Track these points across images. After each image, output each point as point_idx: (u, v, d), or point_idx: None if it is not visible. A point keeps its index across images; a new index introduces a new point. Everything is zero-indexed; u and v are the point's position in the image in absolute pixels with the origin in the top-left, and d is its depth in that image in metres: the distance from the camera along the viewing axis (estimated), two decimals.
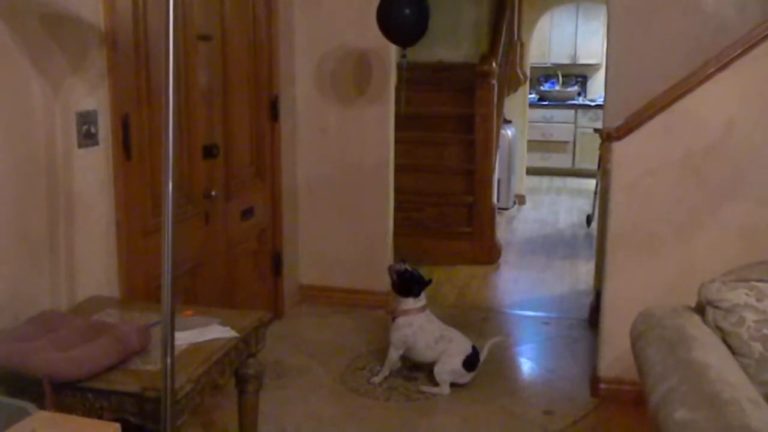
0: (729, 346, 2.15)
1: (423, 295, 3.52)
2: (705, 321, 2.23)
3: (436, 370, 3.44)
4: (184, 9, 3.13)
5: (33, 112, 2.36)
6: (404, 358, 3.57)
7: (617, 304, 3.27)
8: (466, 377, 3.47)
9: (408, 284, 3.49)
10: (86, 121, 2.57)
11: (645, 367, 2.11)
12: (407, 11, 3.66)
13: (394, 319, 3.51)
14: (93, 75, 2.60)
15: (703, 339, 2.11)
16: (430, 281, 3.55)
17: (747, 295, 2.17)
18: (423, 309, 3.51)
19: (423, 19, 3.70)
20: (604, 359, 3.38)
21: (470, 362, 3.46)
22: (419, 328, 3.47)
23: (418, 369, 3.58)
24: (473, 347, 3.49)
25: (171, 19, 1.75)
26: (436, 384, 3.44)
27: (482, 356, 3.53)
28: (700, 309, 2.28)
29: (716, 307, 2.20)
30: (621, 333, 2.73)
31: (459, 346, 3.47)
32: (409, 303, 3.48)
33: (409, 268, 3.52)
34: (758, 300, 2.15)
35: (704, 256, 3.12)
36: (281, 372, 3.62)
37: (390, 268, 3.57)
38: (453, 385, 3.45)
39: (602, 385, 3.39)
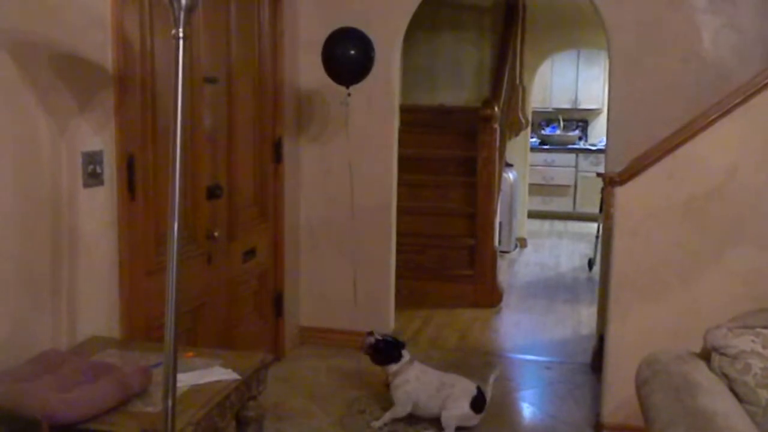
0: (735, 394, 2.13)
1: (403, 351, 3.51)
2: (711, 367, 2.22)
3: (444, 415, 3.39)
4: (191, 51, 3.17)
5: (39, 151, 2.37)
6: (410, 415, 3.52)
7: (621, 348, 3.24)
8: (474, 419, 3.42)
9: (385, 354, 3.50)
10: (92, 161, 2.58)
11: (651, 414, 2.09)
12: (352, 52, 3.73)
13: (389, 385, 3.51)
14: (100, 115, 2.62)
15: (710, 386, 2.09)
16: (404, 343, 3.56)
17: (753, 342, 2.15)
18: (411, 362, 3.50)
19: (368, 58, 3.77)
20: (607, 405, 3.34)
21: (477, 404, 3.42)
22: (416, 379, 3.45)
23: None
24: (478, 388, 3.46)
25: (181, 62, 1.77)
26: (440, 429, 3.40)
27: (488, 396, 3.49)
28: (706, 355, 2.27)
29: (722, 354, 2.18)
30: (625, 378, 2.71)
31: (463, 389, 3.44)
32: (395, 365, 3.48)
33: (380, 338, 3.52)
34: (764, 347, 2.14)
35: (708, 301, 3.11)
36: (281, 414, 3.57)
37: (363, 349, 3.55)
38: (457, 429, 3.41)
39: None
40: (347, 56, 3.74)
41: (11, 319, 2.29)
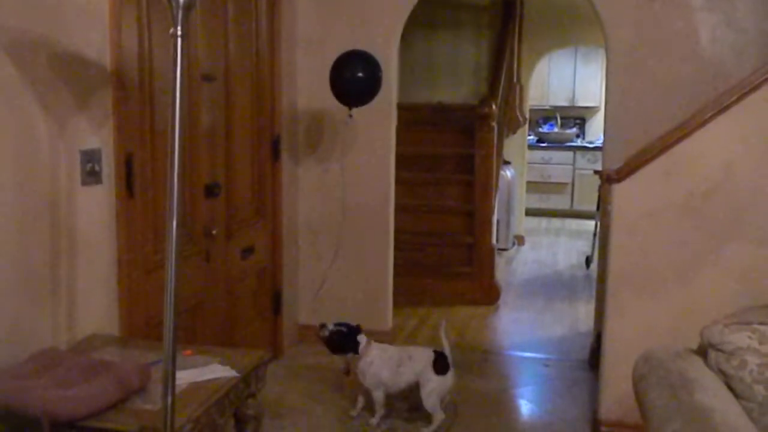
0: (732, 390, 2.14)
1: (359, 337, 3.51)
2: (707, 364, 2.23)
3: (423, 401, 3.39)
4: (189, 50, 3.17)
5: (38, 150, 2.37)
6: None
7: (618, 345, 3.25)
8: (447, 382, 3.41)
9: (342, 343, 3.49)
10: (90, 160, 2.59)
11: (648, 410, 2.10)
12: (360, 74, 3.75)
13: (347, 373, 3.53)
14: (98, 114, 2.63)
15: (706, 382, 2.10)
16: (359, 328, 3.55)
17: (749, 338, 2.16)
18: (369, 343, 3.50)
19: (375, 79, 3.81)
20: (604, 402, 3.35)
21: (440, 365, 3.41)
22: (379, 359, 3.46)
23: (417, 410, 3.54)
24: (434, 351, 3.45)
25: (179, 60, 1.77)
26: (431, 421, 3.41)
27: (447, 352, 3.45)
28: (702, 351, 2.28)
29: (719, 350, 2.19)
30: (622, 375, 2.72)
31: (421, 359, 3.43)
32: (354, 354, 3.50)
33: (333, 329, 3.50)
34: (761, 343, 2.15)
35: (705, 298, 3.12)
36: (280, 412, 3.58)
37: (320, 339, 3.53)
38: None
39: (603, 428, 3.36)
40: (356, 78, 3.77)
41: (10, 317, 2.29)
